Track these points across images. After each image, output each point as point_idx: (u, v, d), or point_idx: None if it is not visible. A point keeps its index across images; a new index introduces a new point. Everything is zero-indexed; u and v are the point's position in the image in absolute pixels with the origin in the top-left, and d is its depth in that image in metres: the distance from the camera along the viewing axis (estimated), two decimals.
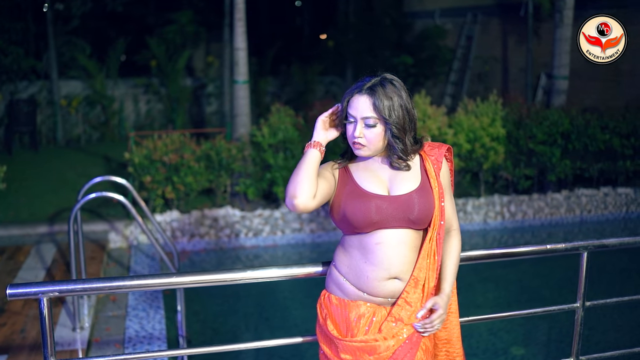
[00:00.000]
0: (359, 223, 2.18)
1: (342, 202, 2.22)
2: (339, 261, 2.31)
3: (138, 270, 6.55)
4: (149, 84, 13.31)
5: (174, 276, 2.53)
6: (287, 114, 8.32)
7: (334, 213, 2.27)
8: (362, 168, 2.30)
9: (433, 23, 15.81)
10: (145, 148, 7.63)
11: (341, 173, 2.30)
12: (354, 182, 2.25)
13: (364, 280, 2.22)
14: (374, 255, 2.20)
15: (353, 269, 2.24)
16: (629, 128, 9.05)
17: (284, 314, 6.07)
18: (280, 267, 2.54)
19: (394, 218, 2.19)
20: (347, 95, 2.25)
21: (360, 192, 2.22)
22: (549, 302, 6.51)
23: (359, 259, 2.23)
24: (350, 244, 2.26)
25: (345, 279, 2.27)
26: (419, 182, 2.27)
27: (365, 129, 2.18)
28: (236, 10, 8.57)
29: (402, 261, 2.22)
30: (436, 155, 2.33)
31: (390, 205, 2.19)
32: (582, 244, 3.06)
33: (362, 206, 2.17)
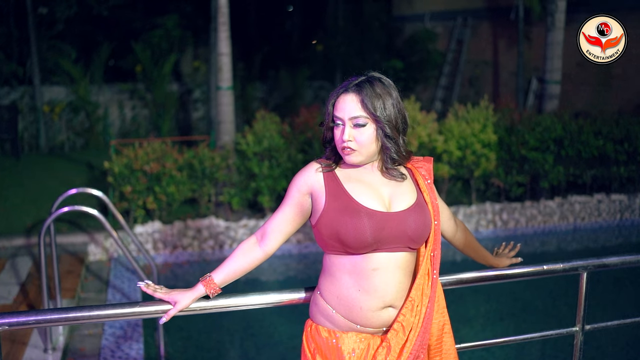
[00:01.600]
0: (354, 243, 1.92)
1: (333, 218, 1.95)
2: (326, 290, 2.04)
3: (117, 284, 6.30)
4: (134, 89, 13.06)
5: (137, 306, 2.28)
6: (272, 121, 8.10)
7: (321, 229, 1.98)
8: (355, 179, 2.03)
9: (423, 27, 15.66)
10: (125, 157, 7.39)
11: (329, 184, 2.01)
12: (348, 195, 1.98)
13: (357, 312, 1.99)
14: (370, 283, 1.97)
15: (344, 300, 2.00)
16: (623, 133, 8.88)
17: (269, 330, 5.84)
18: (258, 294, 2.29)
19: (394, 238, 1.96)
20: (332, 97, 2.03)
21: (356, 208, 1.95)
22: (542, 313, 6.31)
23: (350, 286, 1.98)
24: (339, 268, 2.00)
25: (335, 310, 2.02)
26: (415, 197, 2.06)
27: (354, 131, 1.96)
28: (219, 14, 8.34)
29: (397, 288, 2.00)
30: (425, 169, 2.14)
31: (391, 224, 1.96)
32: (582, 263, 2.85)
33: (357, 223, 1.92)
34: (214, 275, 2.10)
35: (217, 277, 2.10)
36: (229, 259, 2.12)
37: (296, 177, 2.08)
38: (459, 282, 2.55)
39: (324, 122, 2.08)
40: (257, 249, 2.11)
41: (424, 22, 15.84)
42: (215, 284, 2.09)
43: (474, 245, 2.42)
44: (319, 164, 2.06)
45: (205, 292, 2.09)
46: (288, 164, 7.88)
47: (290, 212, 2.07)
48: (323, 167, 2.05)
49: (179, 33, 13.22)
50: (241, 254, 2.11)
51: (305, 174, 2.05)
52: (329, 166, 2.05)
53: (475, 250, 2.44)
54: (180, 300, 2.08)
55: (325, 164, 2.06)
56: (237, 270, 2.11)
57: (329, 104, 2.04)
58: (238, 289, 5.28)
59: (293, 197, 2.06)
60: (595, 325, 2.91)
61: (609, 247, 8.57)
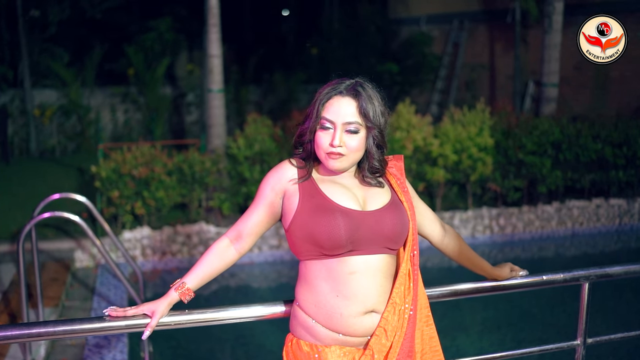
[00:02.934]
0: (329, 243, 1.81)
1: (306, 218, 1.85)
2: (304, 300, 1.92)
3: (103, 292, 6.12)
4: (127, 93, 12.90)
5: (110, 320, 2.11)
6: (264, 124, 7.94)
7: (294, 232, 1.88)
8: (329, 181, 1.94)
9: (419, 30, 15.52)
10: (113, 161, 7.22)
11: (303, 184, 1.92)
12: (322, 194, 1.88)
13: (337, 319, 1.86)
14: (348, 288, 1.84)
15: (322, 307, 1.87)
16: (621, 137, 8.73)
17: (261, 339, 5.67)
18: (234, 308, 2.13)
19: (369, 239, 1.85)
20: (323, 98, 1.90)
21: (330, 206, 1.85)
22: (540, 322, 6.15)
23: (328, 293, 1.86)
24: (315, 274, 1.88)
25: (314, 320, 1.89)
26: (390, 196, 1.96)
27: (346, 136, 1.86)
28: (210, 16, 8.18)
29: (378, 291, 1.87)
30: (397, 168, 2.05)
31: (365, 223, 1.85)
32: (583, 273, 2.70)
33: (331, 221, 1.81)
34: (187, 280, 1.97)
35: (191, 281, 1.97)
36: (201, 261, 1.99)
37: (270, 175, 1.97)
38: (453, 293, 2.43)
39: (306, 122, 1.96)
40: (232, 251, 2.01)
41: (420, 25, 15.71)
42: (188, 288, 1.96)
43: (467, 253, 2.27)
44: (294, 163, 1.96)
45: (178, 298, 1.96)
46: None
47: (264, 213, 1.97)
48: (297, 166, 1.95)
49: (173, 36, 13.07)
50: (215, 257, 1.99)
51: (280, 173, 1.95)
52: (304, 167, 1.95)
53: (470, 259, 2.28)
54: (156, 309, 1.95)
55: (299, 164, 1.96)
56: (211, 273, 2.00)
57: (318, 105, 1.91)
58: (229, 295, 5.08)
59: (266, 197, 1.96)
60: (597, 338, 2.78)
61: (608, 253, 8.42)
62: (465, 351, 5.18)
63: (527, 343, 5.75)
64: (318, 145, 1.89)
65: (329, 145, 1.86)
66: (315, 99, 1.94)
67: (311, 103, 1.97)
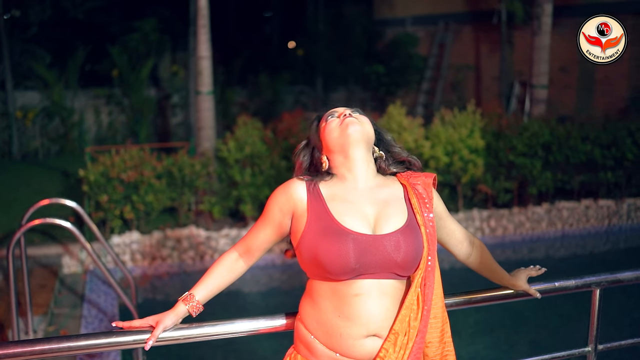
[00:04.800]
0: (334, 269, 1.74)
1: (313, 240, 1.78)
2: (306, 314, 1.87)
3: (93, 299, 6.00)
4: (110, 94, 12.73)
5: (114, 335, 2.02)
6: (254, 126, 7.85)
7: (301, 253, 1.82)
8: (340, 199, 1.86)
9: (404, 31, 15.51)
10: (101, 165, 7.09)
11: (312, 203, 1.84)
12: (330, 215, 1.81)
13: (337, 339, 1.79)
14: (351, 309, 1.77)
15: (323, 325, 1.81)
16: (610, 138, 8.76)
17: (255, 345, 5.58)
18: (231, 322, 2.05)
19: (378, 264, 1.76)
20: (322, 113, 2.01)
21: (337, 230, 1.77)
22: (532, 324, 6.12)
23: (330, 312, 1.80)
24: (319, 293, 1.82)
25: (313, 336, 1.83)
26: (406, 218, 1.85)
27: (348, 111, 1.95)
28: (199, 17, 8.07)
29: (384, 316, 1.79)
30: (423, 187, 1.93)
31: (375, 248, 1.76)
32: (595, 279, 2.66)
33: (340, 247, 1.74)
34: (195, 292, 1.91)
35: (199, 294, 1.91)
36: (210, 274, 1.95)
37: (277, 194, 1.92)
38: (466, 302, 2.37)
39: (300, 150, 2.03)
40: (241, 264, 1.98)
41: (406, 26, 15.70)
42: (198, 301, 1.90)
43: (490, 266, 2.21)
44: (303, 180, 1.91)
45: (187, 311, 1.90)
46: (271, 171, 7.64)
47: (271, 232, 1.93)
48: (307, 183, 1.90)
49: (157, 37, 12.91)
50: (225, 269, 1.95)
51: (288, 192, 1.90)
52: (313, 183, 1.90)
53: (491, 270, 2.23)
54: (162, 319, 1.89)
55: (308, 181, 1.91)
56: (220, 286, 1.96)
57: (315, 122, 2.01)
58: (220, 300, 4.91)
59: (274, 217, 1.91)
60: (608, 345, 2.74)
61: (597, 254, 8.45)
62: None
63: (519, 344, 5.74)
64: (329, 132, 1.91)
65: (339, 117, 1.92)
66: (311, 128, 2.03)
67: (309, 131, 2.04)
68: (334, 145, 1.90)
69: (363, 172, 1.90)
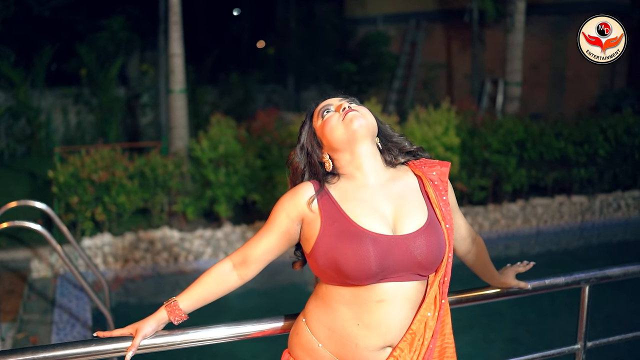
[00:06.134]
0: (356, 274, 1.61)
1: (331, 245, 1.64)
2: (315, 319, 1.72)
3: (64, 303, 5.82)
4: (78, 94, 12.48)
5: (93, 344, 1.90)
6: (228, 125, 7.72)
7: (316, 259, 1.67)
8: (353, 198, 1.71)
9: (376, 29, 15.50)
10: (71, 165, 6.90)
11: (324, 206, 1.70)
12: (346, 217, 1.67)
13: (350, 349, 1.66)
14: (372, 317, 1.65)
15: (337, 334, 1.67)
16: (582, 135, 8.83)
17: (247, 349, 5.46)
18: (221, 326, 1.93)
19: (402, 266, 1.64)
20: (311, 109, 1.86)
21: (356, 232, 1.63)
22: (509, 320, 6.10)
23: (348, 319, 1.66)
24: (335, 298, 1.68)
25: (321, 344, 1.70)
26: (426, 215, 1.73)
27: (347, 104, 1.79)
28: (171, 14, 7.92)
29: (402, 324, 1.68)
30: (439, 176, 1.80)
31: (398, 250, 1.64)
32: (584, 276, 2.62)
33: (361, 251, 1.60)
34: (180, 300, 1.78)
35: (184, 302, 1.78)
36: (198, 283, 1.80)
37: (284, 200, 1.76)
38: (458, 301, 2.29)
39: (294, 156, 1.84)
40: (234, 277, 1.81)
41: (377, 24, 15.69)
42: (180, 309, 1.77)
43: (486, 264, 2.12)
44: (310, 185, 1.75)
45: (168, 318, 1.77)
46: (246, 171, 7.52)
47: (277, 241, 1.76)
48: (315, 186, 1.75)
49: (126, 35, 12.69)
50: (214, 280, 1.79)
51: (297, 197, 1.74)
52: (321, 185, 1.75)
53: (485, 268, 2.15)
54: (142, 327, 1.76)
55: (316, 184, 1.76)
56: (207, 298, 1.81)
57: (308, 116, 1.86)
58: None
59: (280, 224, 1.75)
60: (597, 341, 2.70)
61: (571, 250, 8.49)
62: None
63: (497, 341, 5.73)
64: (331, 130, 1.74)
65: (340, 112, 1.76)
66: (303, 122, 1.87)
67: (299, 131, 1.88)
68: (339, 143, 1.74)
69: (372, 168, 1.75)
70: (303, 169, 1.81)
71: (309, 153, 1.81)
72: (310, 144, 1.81)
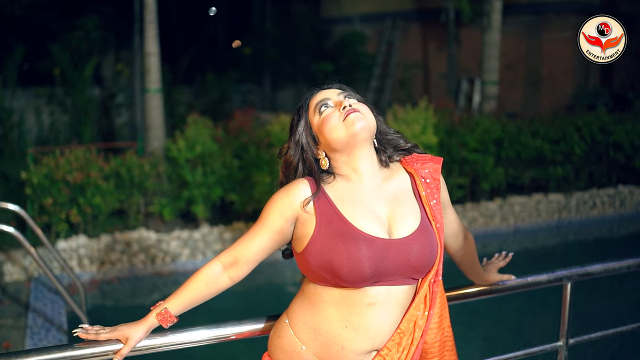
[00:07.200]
0: (351, 276, 1.57)
1: (327, 245, 1.60)
2: (300, 320, 1.68)
3: (39, 307, 5.71)
4: (52, 94, 12.30)
5: (73, 348, 1.84)
6: (205, 125, 7.64)
7: (308, 259, 1.63)
8: (349, 200, 1.67)
9: (352, 29, 15.51)
10: (45, 166, 6.78)
11: (320, 205, 1.66)
12: (343, 218, 1.63)
13: (336, 353, 1.63)
14: (362, 320, 1.61)
15: (323, 336, 1.63)
16: (558, 134, 8.92)
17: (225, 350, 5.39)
18: (203, 328, 1.87)
19: (396, 270, 1.61)
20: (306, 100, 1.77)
21: (354, 234, 1.60)
22: (485, 316, 6.12)
23: (336, 321, 1.62)
24: (324, 298, 1.64)
25: (305, 347, 1.66)
26: (420, 217, 1.70)
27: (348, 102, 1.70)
28: (147, 12, 7.83)
29: (391, 329, 1.65)
30: (431, 173, 1.77)
31: (392, 253, 1.61)
32: (566, 273, 2.63)
33: (358, 254, 1.57)
34: (171, 306, 1.72)
35: (175, 308, 1.72)
36: (187, 286, 1.73)
37: (278, 198, 1.70)
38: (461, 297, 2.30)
39: (289, 146, 1.77)
40: (225, 278, 1.74)
41: (353, 24, 15.70)
42: (172, 315, 1.72)
43: (473, 262, 2.11)
44: (306, 182, 1.70)
45: (157, 323, 1.71)
46: (223, 171, 7.45)
47: (269, 240, 1.71)
48: (311, 184, 1.69)
49: (100, 35, 12.54)
50: (204, 283, 1.73)
51: (291, 195, 1.68)
52: (317, 184, 1.69)
53: (472, 266, 2.14)
54: (132, 335, 1.69)
55: (312, 183, 1.70)
56: (196, 300, 1.74)
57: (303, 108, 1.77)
58: None
59: (273, 223, 1.69)
60: (579, 338, 2.70)
61: (549, 247, 8.55)
62: None
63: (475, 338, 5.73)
64: (329, 126, 1.67)
65: (340, 110, 1.67)
66: (295, 113, 1.79)
67: (291, 122, 1.80)
68: (337, 144, 1.68)
69: (369, 169, 1.71)
70: (297, 163, 1.75)
71: (303, 148, 1.74)
72: (305, 139, 1.74)
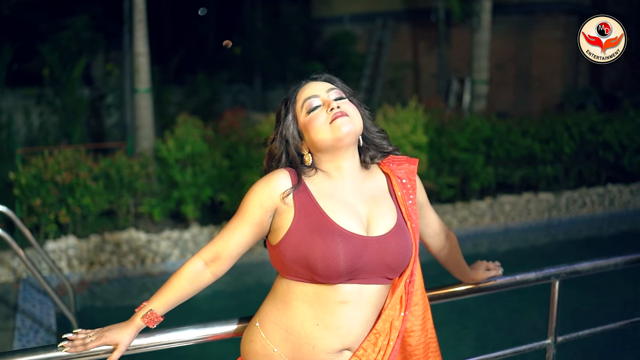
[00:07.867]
0: (326, 272, 1.56)
1: (304, 239, 1.60)
2: (271, 321, 1.67)
3: (27, 309, 5.68)
4: (41, 94, 12.22)
5: (42, 351, 1.81)
6: (195, 125, 7.62)
7: (284, 252, 1.62)
8: (329, 195, 1.67)
9: (342, 29, 15.51)
10: (34, 167, 6.74)
11: (299, 197, 1.65)
12: (322, 213, 1.63)
13: (307, 351, 1.62)
14: (333, 318, 1.61)
15: (295, 335, 1.62)
16: (548, 133, 8.96)
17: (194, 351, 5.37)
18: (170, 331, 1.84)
19: (371, 268, 1.61)
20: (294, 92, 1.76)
21: (332, 229, 1.60)
22: (468, 311, 6.13)
23: (308, 319, 1.62)
24: (297, 296, 1.63)
25: (277, 349, 1.64)
26: (396, 217, 1.70)
27: (336, 103, 1.68)
28: (136, 12, 7.80)
29: (363, 327, 1.64)
30: (407, 174, 1.78)
31: (368, 250, 1.61)
32: (554, 271, 2.65)
33: (335, 249, 1.57)
34: (155, 307, 1.71)
35: (158, 307, 1.71)
36: (170, 285, 1.72)
37: (258, 188, 1.68)
38: (430, 299, 2.27)
39: (275, 137, 1.76)
40: (207, 274, 1.73)
41: (344, 24, 15.71)
42: (157, 315, 1.70)
43: (458, 260, 2.12)
44: (287, 173, 1.69)
45: (144, 324, 1.70)
46: (213, 171, 7.43)
47: (250, 233, 1.70)
48: (292, 175, 1.69)
49: (90, 35, 12.48)
50: (187, 281, 1.71)
51: (271, 186, 1.67)
52: (298, 176, 1.69)
53: (458, 265, 2.14)
54: (121, 340, 1.68)
55: (292, 174, 1.70)
56: (180, 298, 1.74)
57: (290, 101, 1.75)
58: None
59: (253, 216, 1.68)
60: (567, 336, 2.72)
61: (539, 246, 8.58)
62: None
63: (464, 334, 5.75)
64: (315, 127, 1.66)
65: (328, 111, 1.66)
66: (282, 103, 1.77)
67: (278, 113, 1.78)
68: (322, 146, 1.68)
69: (351, 169, 1.72)
70: (280, 155, 1.75)
71: (288, 142, 1.74)
72: (291, 133, 1.74)
